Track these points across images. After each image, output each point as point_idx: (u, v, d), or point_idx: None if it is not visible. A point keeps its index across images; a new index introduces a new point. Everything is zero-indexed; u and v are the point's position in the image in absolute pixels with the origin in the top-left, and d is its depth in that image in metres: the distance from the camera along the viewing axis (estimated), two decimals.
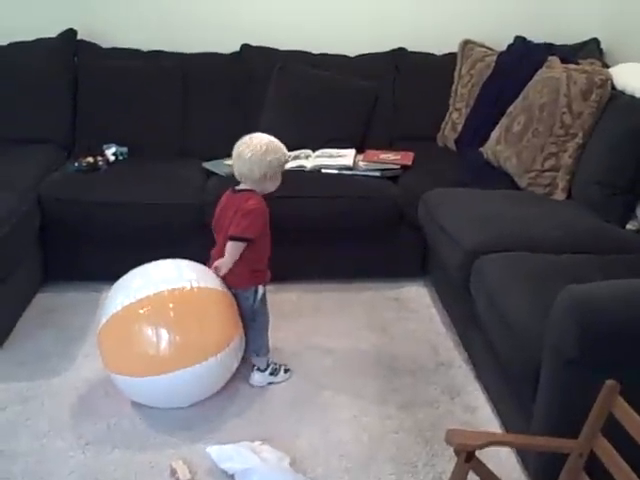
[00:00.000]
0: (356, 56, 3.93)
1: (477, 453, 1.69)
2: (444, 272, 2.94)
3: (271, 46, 3.88)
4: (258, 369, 2.61)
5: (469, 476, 1.73)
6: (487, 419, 2.45)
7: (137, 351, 2.32)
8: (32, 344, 2.88)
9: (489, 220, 2.75)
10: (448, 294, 3.05)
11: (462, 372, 2.72)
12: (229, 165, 2.83)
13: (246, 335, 2.56)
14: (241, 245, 2.45)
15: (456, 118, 3.79)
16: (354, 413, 2.47)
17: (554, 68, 3.25)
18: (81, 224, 3.21)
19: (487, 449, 1.71)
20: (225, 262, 2.48)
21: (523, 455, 2.18)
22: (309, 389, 2.61)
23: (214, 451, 2.18)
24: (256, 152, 2.41)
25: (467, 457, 1.65)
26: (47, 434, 2.35)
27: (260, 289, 2.57)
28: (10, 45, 3.72)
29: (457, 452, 1.67)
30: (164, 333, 2.29)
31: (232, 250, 2.47)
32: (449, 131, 3.80)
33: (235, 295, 2.53)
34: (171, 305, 2.33)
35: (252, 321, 2.57)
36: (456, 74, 3.85)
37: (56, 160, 3.55)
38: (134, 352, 2.33)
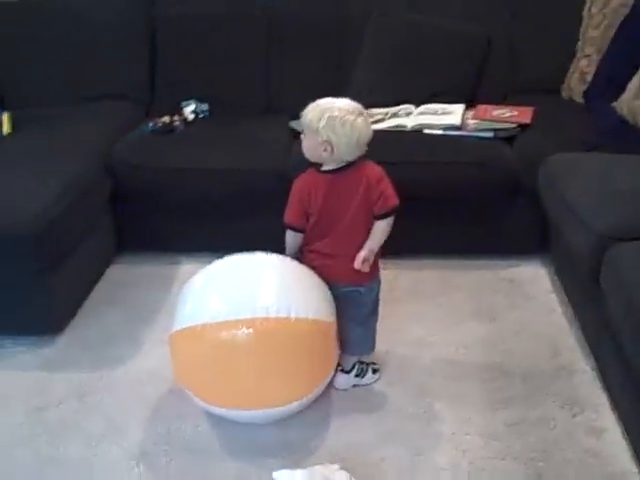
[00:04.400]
0: None
1: None
2: (569, 256, 2.46)
3: None
4: (342, 370, 2.24)
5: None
6: (616, 446, 1.98)
7: (213, 378, 1.96)
8: (98, 324, 2.64)
9: (630, 196, 2.22)
10: (573, 281, 2.56)
11: (587, 380, 2.25)
12: None
13: (354, 335, 2.18)
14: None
15: (585, 66, 3.22)
16: (453, 430, 2.07)
17: None
18: (154, 191, 2.93)
19: None
20: (374, 247, 2.08)
21: None
22: (401, 394, 2.22)
23: (282, 477, 1.83)
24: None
25: None
26: (102, 439, 2.09)
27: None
28: None
29: None
30: (247, 368, 1.91)
31: (388, 228, 2.09)
32: (576, 82, 3.24)
33: (352, 294, 2.14)
34: (262, 338, 1.89)
35: (374, 314, 2.21)
36: (585, 14, 3.25)
37: (133, 118, 3.30)
38: (209, 378, 1.97)
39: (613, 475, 1.90)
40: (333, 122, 1.99)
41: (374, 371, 2.29)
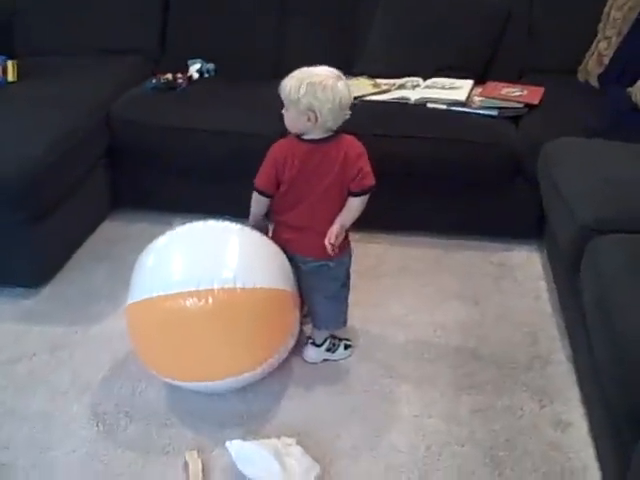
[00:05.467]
0: None
1: None
2: (556, 242, 2.39)
3: None
4: (313, 343, 2.22)
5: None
6: (580, 441, 1.93)
7: (164, 351, 1.94)
8: (82, 280, 2.64)
9: (623, 186, 2.14)
10: (559, 268, 2.49)
11: (561, 371, 2.19)
12: None
13: (324, 310, 2.16)
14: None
15: (604, 49, 3.10)
16: (416, 412, 2.03)
17: None
18: (148, 149, 2.91)
19: None
20: (346, 223, 2.05)
21: None
22: (368, 372, 2.19)
23: (234, 447, 1.81)
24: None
25: None
26: (65, 394, 2.09)
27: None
28: None
29: None
30: (197, 341, 1.88)
31: (362, 206, 2.06)
32: (594, 64, 3.13)
33: (322, 268, 2.10)
34: (217, 308, 1.84)
35: (344, 288, 2.17)
36: None
37: (141, 73, 3.26)
38: (161, 351, 1.95)
39: (573, 470, 1.85)
40: (313, 88, 1.94)
41: (346, 347, 2.26)
